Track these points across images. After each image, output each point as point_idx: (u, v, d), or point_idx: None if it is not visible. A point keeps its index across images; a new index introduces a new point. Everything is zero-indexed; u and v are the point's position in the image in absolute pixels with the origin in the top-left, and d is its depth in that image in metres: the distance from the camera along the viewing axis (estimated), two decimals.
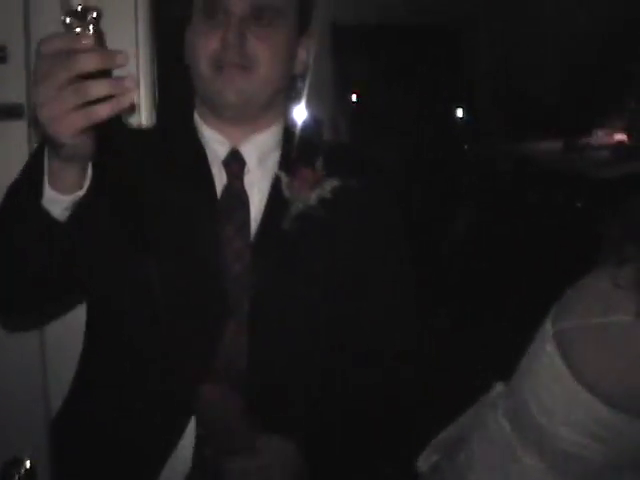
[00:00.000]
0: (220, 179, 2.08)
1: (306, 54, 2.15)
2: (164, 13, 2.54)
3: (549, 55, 7.18)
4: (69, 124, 1.45)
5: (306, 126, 2.25)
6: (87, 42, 1.42)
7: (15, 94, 2.38)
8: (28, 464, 1.83)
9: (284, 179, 2.06)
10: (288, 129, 2.16)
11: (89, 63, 1.41)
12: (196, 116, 2.15)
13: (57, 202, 1.65)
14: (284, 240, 2.01)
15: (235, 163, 2.10)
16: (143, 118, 2.56)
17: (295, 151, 2.11)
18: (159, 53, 2.56)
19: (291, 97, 2.22)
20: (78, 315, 2.30)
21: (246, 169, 2.09)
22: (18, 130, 2.39)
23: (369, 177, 2.09)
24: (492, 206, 7.00)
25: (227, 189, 2.07)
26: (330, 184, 2.00)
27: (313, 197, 2.01)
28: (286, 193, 2.04)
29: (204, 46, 1.99)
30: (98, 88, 1.43)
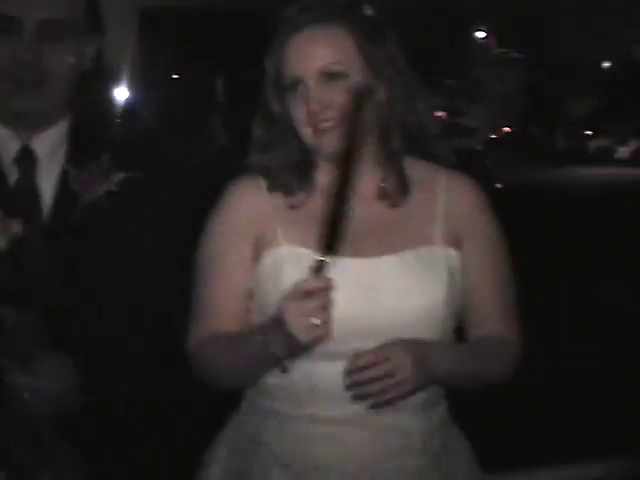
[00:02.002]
0: (12, 174, 2.12)
1: (94, 51, 2.20)
2: None
3: None
4: None
5: (95, 119, 2.30)
6: None
7: None
8: None
9: (72, 173, 2.11)
10: (78, 123, 2.20)
11: None
12: None
13: None
14: (72, 231, 2.08)
15: (26, 159, 2.14)
16: None
17: (82, 145, 2.15)
18: None
19: (81, 91, 2.25)
20: None
21: (37, 164, 2.14)
22: None
23: (156, 169, 2.17)
24: None
25: (18, 184, 2.12)
26: (117, 177, 2.07)
27: (100, 190, 2.08)
28: (74, 186, 2.11)
29: None
30: None
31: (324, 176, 1.95)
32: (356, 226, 1.89)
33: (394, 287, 1.91)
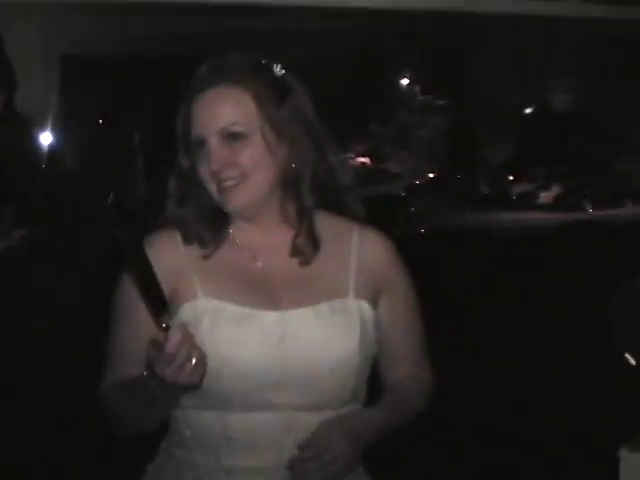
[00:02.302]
0: None
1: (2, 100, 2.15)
2: None
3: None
4: None
5: (1, 173, 2.25)
6: None
7: None
8: None
9: None
10: None
11: None
12: None
13: None
14: None
15: None
16: None
17: None
18: None
19: None
20: None
21: None
22: None
23: (59, 222, 2.14)
24: None
25: None
26: (17, 234, 2.04)
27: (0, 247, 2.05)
28: None
29: None
30: None
31: (237, 228, 2.03)
32: (270, 280, 1.98)
33: (308, 339, 1.94)
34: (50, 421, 2.10)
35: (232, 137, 1.95)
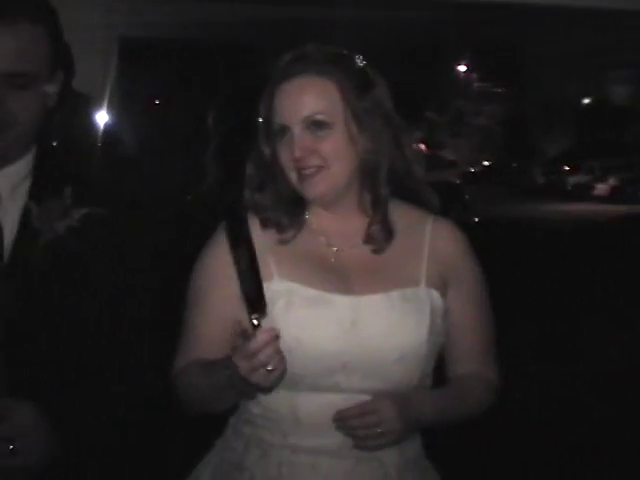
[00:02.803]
0: None
1: (57, 87, 2.15)
2: None
3: None
4: None
5: (60, 151, 2.26)
6: None
7: None
8: None
9: (34, 209, 2.07)
10: (41, 157, 2.16)
11: None
12: None
13: None
14: (34, 270, 2.04)
15: None
16: None
17: (44, 180, 2.12)
18: None
19: (46, 125, 2.21)
20: None
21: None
22: None
23: (116, 204, 2.14)
24: None
25: None
26: (78, 213, 2.05)
27: (61, 227, 2.06)
28: (36, 223, 2.07)
29: None
30: None
31: (313, 214, 2.08)
32: (344, 266, 2.03)
33: (379, 325, 1.99)
34: (120, 396, 2.12)
35: (316, 126, 1.99)
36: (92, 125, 4.89)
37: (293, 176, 2.03)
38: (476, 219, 17.38)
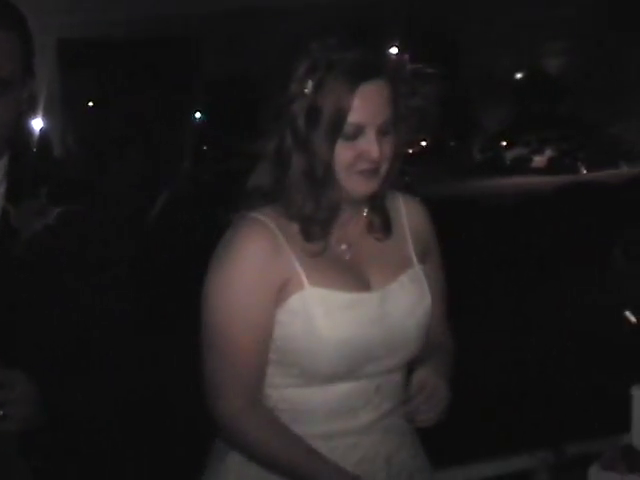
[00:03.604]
0: None
1: (28, 91, 2.20)
2: None
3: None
4: None
5: (33, 154, 2.32)
6: None
7: None
8: None
9: (11, 211, 2.13)
10: (15, 159, 2.22)
11: None
12: None
13: None
14: (14, 269, 2.11)
15: None
16: None
17: (20, 182, 2.18)
18: None
19: (19, 128, 2.25)
20: None
21: None
22: None
23: (90, 200, 2.21)
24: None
25: None
26: (53, 212, 2.11)
27: (38, 226, 2.12)
28: (14, 224, 2.13)
29: None
30: None
31: (341, 219, 2.08)
32: (356, 262, 2.10)
33: (400, 311, 2.10)
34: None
35: (385, 130, 2.03)
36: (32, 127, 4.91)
37: (349, 175, 2.02)
38: (418, 199, 17.47)
